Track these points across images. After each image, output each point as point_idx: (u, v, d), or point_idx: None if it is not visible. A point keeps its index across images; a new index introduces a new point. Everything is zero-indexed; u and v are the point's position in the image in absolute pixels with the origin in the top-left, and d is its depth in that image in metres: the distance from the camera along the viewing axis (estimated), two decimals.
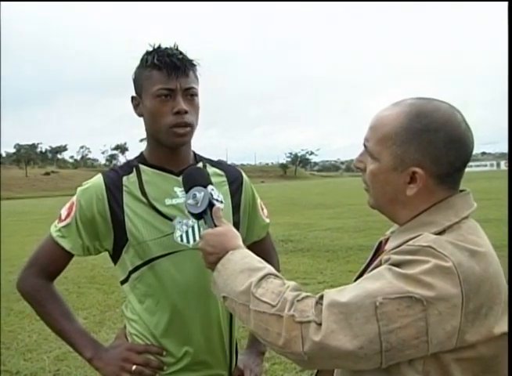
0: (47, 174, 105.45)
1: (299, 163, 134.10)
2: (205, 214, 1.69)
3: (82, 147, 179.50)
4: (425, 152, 1.38)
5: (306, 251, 11.80)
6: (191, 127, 1.95)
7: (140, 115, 2.00)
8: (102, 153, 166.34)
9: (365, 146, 1.49)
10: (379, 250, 1.62)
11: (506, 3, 1.96)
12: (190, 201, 1.71)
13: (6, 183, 76.71)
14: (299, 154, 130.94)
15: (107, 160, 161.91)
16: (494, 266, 1.34)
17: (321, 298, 1.30)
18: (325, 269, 9.78)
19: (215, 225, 1.65)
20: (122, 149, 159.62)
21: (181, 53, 1.93)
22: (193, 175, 1.84)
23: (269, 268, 1.45)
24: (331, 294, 1.30)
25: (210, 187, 1.78)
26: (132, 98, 2.02)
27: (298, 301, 1.30)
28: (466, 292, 1.25)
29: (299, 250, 11.90)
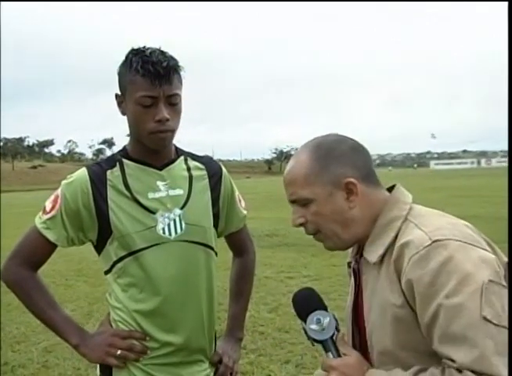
0: (34, 167, 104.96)
1: (284, 159, 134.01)
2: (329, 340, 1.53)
3: (69, 141, 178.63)
4: (343, 164, 1.51)
5: (291, 246, 11.87)
6: (172, 132, 1.98)
7: (123, 114, 2.02)
8: (90, 147, 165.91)
9: (294, 202, 1.57)
10: (358, 272, 1.64)
11: (506, 3, 1.93)
12: (314, 327, 1.52)
13: None
14: (284, 150, 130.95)
15: (94, 154, 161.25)
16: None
17: (460, 369, 1.26)
18: (309, 263, 9.85)
19: (338, 353, 1.50)
20: (109, 143, 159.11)
21: (165, 59, 1.92)
22: (311, 296, 1.64)
23: None
24: (464, 364, 1.25)
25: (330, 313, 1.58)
26: (116, 95, 2.03)
27: None
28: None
29: (284, 244, 11.97)
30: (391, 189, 1.60)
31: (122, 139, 2.13)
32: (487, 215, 15.06)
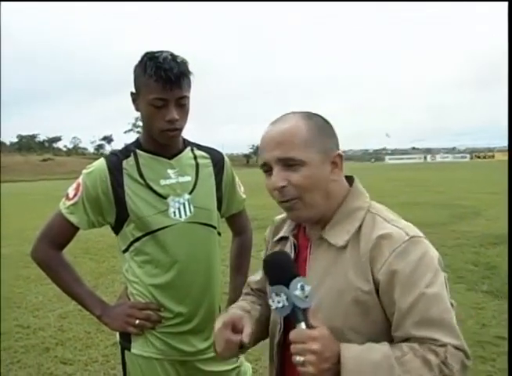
0: (44, 160, 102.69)
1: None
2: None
3: (74, 138, 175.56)
4: (331, 138, 1.40)
5: None
6: (180, 130, 1.96)
7: (137, 110, 1.97)
8: (91, 143, 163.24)
9: (283, 160, 1.34)
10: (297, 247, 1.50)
11: (507, 3, 1.84)
12: (298, 293, 1.22)
13: (10, 168, 74.84)
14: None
15: (95, 149, 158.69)
16: None
17: (443, 345, 1.23)
18: None
19: (310, 325, 1.20)
20: (108, 139, 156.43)
21: (176, 65, 1.86)
22: (289, 261, 1.32)
23: (385, 349, 1.21)
24: (447, 342, 1.23)
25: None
26: (131, 93, 1.96)
27: (445, 358, 1.22)
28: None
29: (262, 227, 11.84)
30: (347, 177, 1.48)
31: (120, 136, 2.10)
32: (430, 202, 15.43)
